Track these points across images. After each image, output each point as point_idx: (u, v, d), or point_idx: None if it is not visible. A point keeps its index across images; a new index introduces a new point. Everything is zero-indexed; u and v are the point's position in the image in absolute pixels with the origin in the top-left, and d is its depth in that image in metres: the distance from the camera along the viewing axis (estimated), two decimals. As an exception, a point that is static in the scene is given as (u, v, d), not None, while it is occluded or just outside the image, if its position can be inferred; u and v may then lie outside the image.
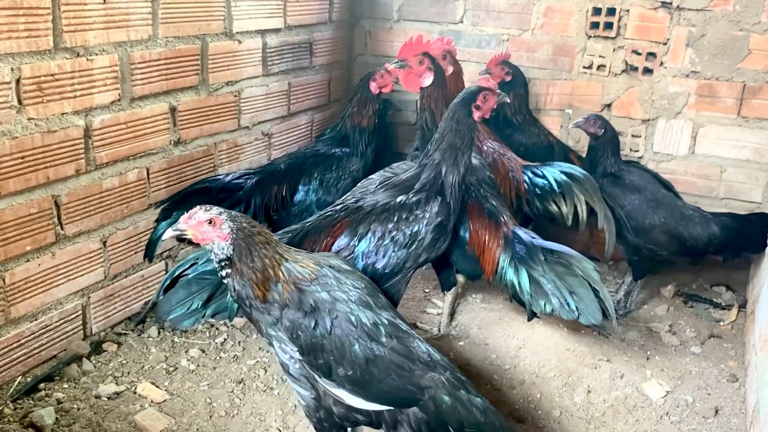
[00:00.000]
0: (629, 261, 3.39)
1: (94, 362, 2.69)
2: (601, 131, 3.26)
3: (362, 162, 3.37)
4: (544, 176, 3.18)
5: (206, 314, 2.20)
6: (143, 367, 2.70)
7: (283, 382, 2.66)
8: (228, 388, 2.61)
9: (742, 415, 2.66)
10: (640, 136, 3.78)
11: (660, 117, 3.72)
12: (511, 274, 2.69)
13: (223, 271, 1.91)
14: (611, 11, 3.66)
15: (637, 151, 3.79)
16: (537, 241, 2.72)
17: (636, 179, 3.27)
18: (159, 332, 2.92)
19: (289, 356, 1.92)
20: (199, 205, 1.91)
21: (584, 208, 3.04)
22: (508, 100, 2.69)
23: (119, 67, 2.66)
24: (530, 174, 3.23)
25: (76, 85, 2.51)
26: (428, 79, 3.05)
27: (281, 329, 1.90)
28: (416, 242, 2.41)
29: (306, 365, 1.91)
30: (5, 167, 2.32)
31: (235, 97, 3.31)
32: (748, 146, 3.60)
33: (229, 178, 3.10)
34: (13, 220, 2.39)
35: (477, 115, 2.51)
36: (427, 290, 3.57)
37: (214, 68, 3.13)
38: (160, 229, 2.87)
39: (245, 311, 1.96)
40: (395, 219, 2.39)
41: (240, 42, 3.25)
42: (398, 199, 2.43)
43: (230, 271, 1.89)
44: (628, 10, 3.64)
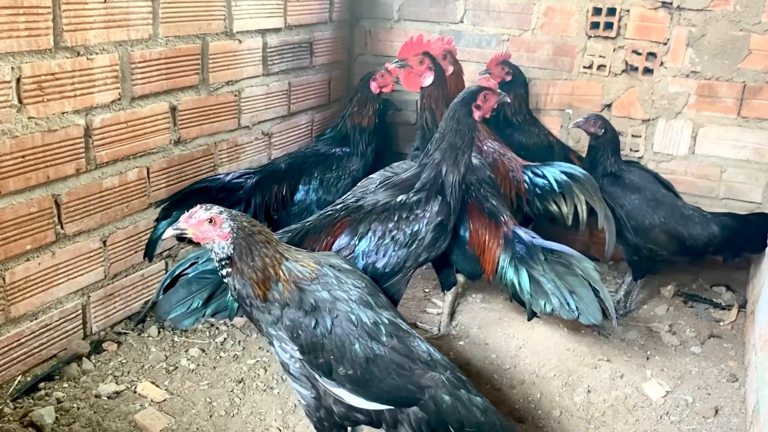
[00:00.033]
0: (629, 261, 3.39)
1: (94, 361, 2.69)
2: (602, 131, 3.27)
3: (362, 162, 3.37)
4: (544, 176, 3.18)
5: (206, 313, 2.19)
6: (143, 366, 2.70)
7: (283, 382, 2.66)
8: (228, 388, 2.61)
9: (742, 415, 2.66)
10: (640, 136, 3.78)
11: (660, 117, 3.72)
12: (511, 274, 2.70)
13: (224, 270, 1.91)
14: (611, 11, 3.66)
15: (637, 151, 3.79)
16: (537, 241, 2.72)
17: (636, 179, 3.28)
18: (159, 332, 2.92)
19: (290, 355, 1.92)
20: (200, 204, 1.91)
21: (584, 208, 3.04)
22: (508, 99, 2.69)
23: (119, 67, 2.66)
24: (530, 174, 3.23)
25: (77, 85, 2.51)
26: (428, 79, 3.05)
27: (282, 328, 1.90)
28: (416, 241, 2.41)
29: (306, 364, 1.91)
30: (5, 166, 2.32)
31: (236, 96, 3.31)
32: (748, 146, 3.60)
33: (229, 178, 3.09)
34: (13, 219, 2.39)
35: (477, 115, 2.51)
36: (427, 290, 3.57)
37: (215, 68, 3.13)
38: (160, 229, 2.87)
39: (245, 310, 1.96)
40: (396, 218, 2.39)
41: (240, 41, 3.25)
42: (399, 199, 2.43)
43: (230, 270, 1.89)
44: (628, 10, 3.64)
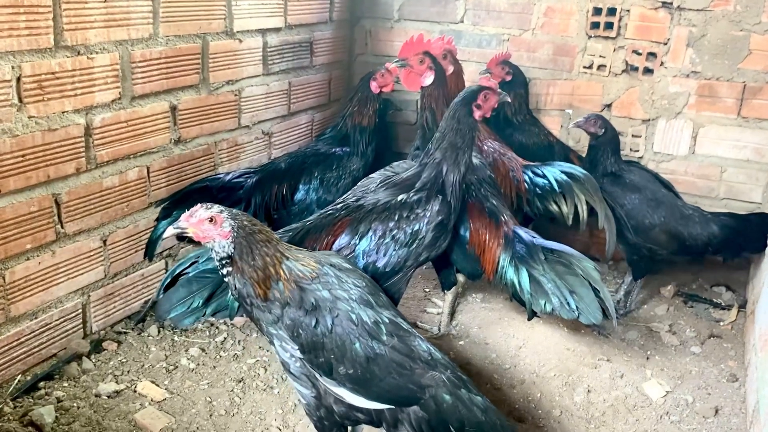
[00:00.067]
0: (629, 260, 3.39)
1: (94, 361, 2.68)
2: (602, 131, 3.27)
3: (363, 161, 3.37)
4: (544, 176, 3.18)
5: (207, 313, 2.19)
6: (143, 365, 2.70)
7: (283, 381, 2.66)
8: (228, 387, 2.61)
9: (742, 415, 2.66)
10: (641, 136, 3.78)
11: (660, 117, 3.72)
12: (511, 274, 2.69)
13: (224, 269, 1.90)
14: (612, 11, 3.66)
15: (638, 151, 3.79)
16: (537, 241, 2.71)
17: (636, 179, 3.28)
18: (159, 331, 2.92)
19: (290, 355, 1.92)
20: (200, 203, 1.91)
21: (585, 207, 3.04)
22: (509, 99, 2.69)
23: (120, 66, 2.66)
24: (530, 174, 3.23)
25: (77, 84, 2.51)
26: (429, 79, 3.05)
27: (282, 328, 1.90)
28: (417, 241, 2.41)
29: (307, 364, 1.91)
30: (6, 165, 2.32)
31: (236, 96, 3.31)
32: (748, 146, 3.60)
33: (229, 177, 3.09)
34: (13, 218, 2.39)
35: (478, 114, 2.51)
36: (428, 290, 3.57)
37: (215, 67, 3.13)
38: (161, 228, 2.86)
39: (246, 310, 1.95)
40: (396, 217, 2.39)
41: (240, 41, 3.25)
42: (399, 198, 2.43)
43: (231, 269, 1.89)
44: (628, 10, 3.64)
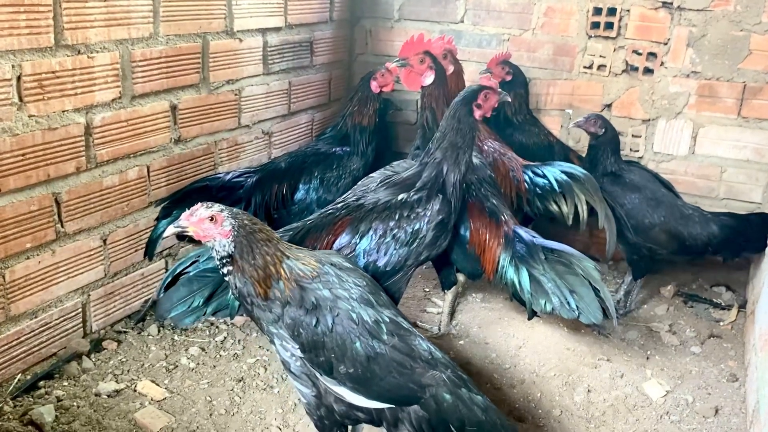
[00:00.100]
0: (629, 260, 3.39)
1: (94, 360, 2.68)
2: (602, 131, 3.27)
3: (363, 161, 3.37)
4: (544, 176, 3.18)
5: (207, 312, 2.19)
6: (143, 365, 2.70)
7: (283, 381, 2.66)
8: (228, 387, 2.61)
9: (742, 415, 2.66)
10: (641, 136, 3.78)
11: (660, 117, 3.72)
12: (511, 273, 2.69)
13: (225, 268, 1.90)
14: (612, 11, 3.66)
15: (638, 151, 3.79)
16: (537, 240, 2.71)
17: (636, 178, 3.28)
18: (159, 330, 2.92)
19: (291, 354, 1.92)
20: (201, 202, 1.91)
21: (585, 207, 3.04)
22: (509, 99, 2.70)
23: (120, 65, 2.66)
24: (531, 173, 3.22)
25: (77, 83, 2.51)
26: (429, 78, 3.04)
27: (282, 327, 1.90)
28: (417, 240, 2.41)
29: (307, 363, 1.91)
30: (6, 164, 2.32)
31: (236, 95, 3.31)
32: (748, 146, 3.60)
33: (229, 177, 3.09)
34: (13, 217, 2.39)
35: (478, 114, 2.51)
36: (428, 289, 3.56)
37: (215, 66, 3.13)
38: (161, 228, 2.86)
39: (246, 309, 1.95)
40: (397, 217, 2.39)
41: (241, 40, 3.25)
42: (400, 197, 2.43)
43: (231, 268, 1.89)
44: (628, 10, 3.64)
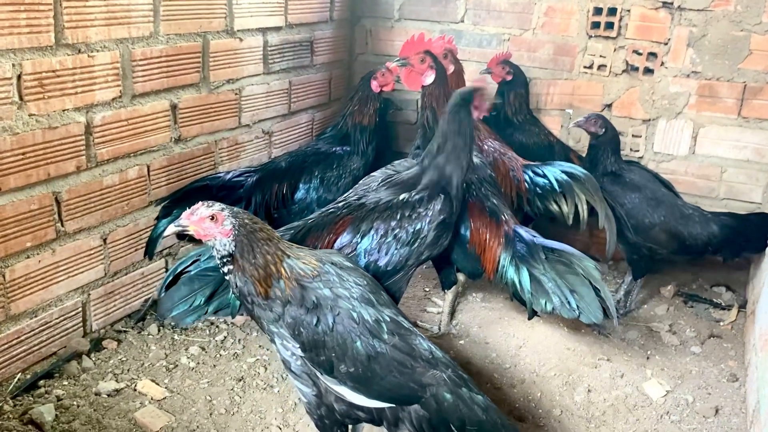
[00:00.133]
0: (629, 260, 3.39)
1: (93, 359, 2.68)
2: (602, 130, 3.27)
3: (363, 160, 3.37)
4: (544, 175, 3.17)
5: (208, 311, 2.18)
6: (143, 364, 2.70)
7: (283, 380, 2.66)
8: (228, 386, 2.61)
9: (743, 415, 2.66)
10: (641, 136, 3.78)
11: (661, 117, 3.72)
12: (511, 273, 2.69)
13: (225, 267, 1.90)
14: (612, 11, 3.66)
15: (638, 151, 3.79)
16: (538, 240, 2.71)
17: (636, 178, 3.28)
18: (159, 330, 2.91)
19: (291, 353, 1.92)
20: (201, 201, 1.90)
21: (585, 207, 3.04)
22: (497, 101, 2.69)
23: (120, 64, 2.66)
24: (531, 173, 3.22)
25: (78, 82, 2.51)
26: (430, 78, 3.04)
27: (283, 326, 1.90)
28: (419, 240, 2.40)
29: (308, 362, 1.90)
30: (6, 163, 2.32)
31: (236, 95, 3.31)
32: (748, 147, 3.60)
33: (229, 176, 3.09)
34: (13, 216, 2.39)
35: (476, 115, 2.52)
36: (428, 289, 3.56)
37: (215, 66, 3.13)
38: (161, 227, 2.86)
39: (247, 308, 1.95)
40: (398, 216, 2.39)
41: (241, 40, 3.25)
42: (401, 197, 2.43)
43: (232, 267, 1.89)
44: (629, 10, 3.64)
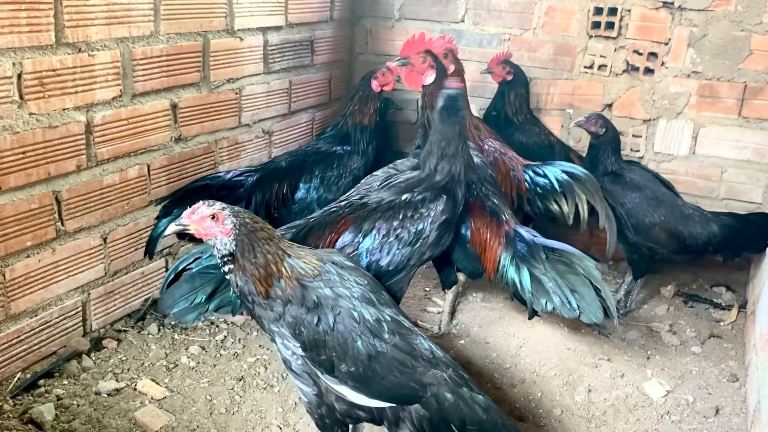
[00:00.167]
0: (629, 260, 3.39)
1: (93, 359, 2.68)
2: (603, 130, 3.26)
3: (363, 160, 3.36)
4: (545, 175, 3.17)
5: (210, 309, 2.18)
6: (143, 363, 2.69)
7: (283, 380, 2.66)
8: (228, 386, 2.60)
9: (743, 415, 2.66)
10: (641, 136, 3.77)
11: (661, 117, 3.72)
12: (512, 273, 2.69)
13: (226, 266, 1.90)
14: (613, 11, 3.66)
15: (638, 151, 3.79)
16: (538, 240, 2.71)
17: (636, 178, 3.28)
18: (159, 329, 2.91)
19: (292, 352, 1.92)
20: (202, 201, 1.90)
21: (585, 207, 3.04)
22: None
23: (121, 63, 2.66)
24: (531, 173, 3.22)
25: (78, 81, 2.50)
26: (430, 77, 3.04)
27: (284, 325, 1.89)
28: (421, 240, 2.40)
29: (308, 361, 1.90)
30: (6, 162, 2.31)
31: (236, 94, 3.30)
32: (748, 147, 3.60)
33: (229, 176, 3.08)
34: (13, 215, 2.38)
35: (463, 115, 2.53)
36: (428, 289, 3.56)
37: (216, 65, 3.13)
38: (161, 226, 2.85)
39: (247, 307, 1.95)
40: (401, 216, 2.39)
41: (241, 39, 3.25)
42: (404, 197, 2.43)
43: (233, 266, 1.89)
44: (629, 10, 3.64)
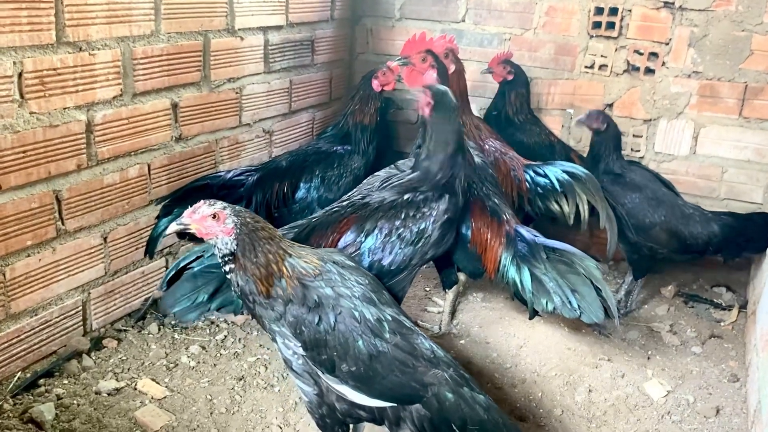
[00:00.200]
0: (629, 259, 3.39)
1: (94, 358, 2.68)
2: (604, 126, 3.26)
3: (364, 160, 3.36)
4: (546, 175, 3.17)
5: (211, 308, 2.18)
6: (143, 363, 2.69)
7: (284, 379, 2.65)
8: (228, 385, 2.60)
9: (744, 415, 2.66)
10: (642, 136, 3.77)
11: (661, 117, 3.72)
12: (513, 272, 2.69)
13: (227, 266, 1.90)
14: (613, 11, 3.66)
15: (639, 151, 3.79)
16: (539, 239, 2.71)
17: (637, 177, 3.27)
18: (159, 329, 2.91)
19: (293, 352, 1.92)
20: (203, 200, 1.90)
21: (586, 207, 3.04)
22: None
23: (121, 63, 2.66)
24: (532, 173, 3.22)
25: (78, 80, 2.50)
26: (431, 77, 3.03)
27: (285, 325, 1.89)
28: (423, 239, 2.40)
29: (309, 361, 1.90)
30: (7, 161, 2.31)
31: (237, 93, 3.30)
32: (749, 147, 3.60)
33: (230, 175, 3.08)
34: (14, 214, 2.38)
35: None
36: (428, 288, 3.56)
37: (216, 65, 3.12)
38: (161, 226, 2.85)
39: (248, 307, 1.95)
40: (403, 216, 2.38)
41: (242, 39, 3.24)
42: (405, 197, 2.43)
43: (233, 266, 1.88)
44: (630, 10, 3.64)
